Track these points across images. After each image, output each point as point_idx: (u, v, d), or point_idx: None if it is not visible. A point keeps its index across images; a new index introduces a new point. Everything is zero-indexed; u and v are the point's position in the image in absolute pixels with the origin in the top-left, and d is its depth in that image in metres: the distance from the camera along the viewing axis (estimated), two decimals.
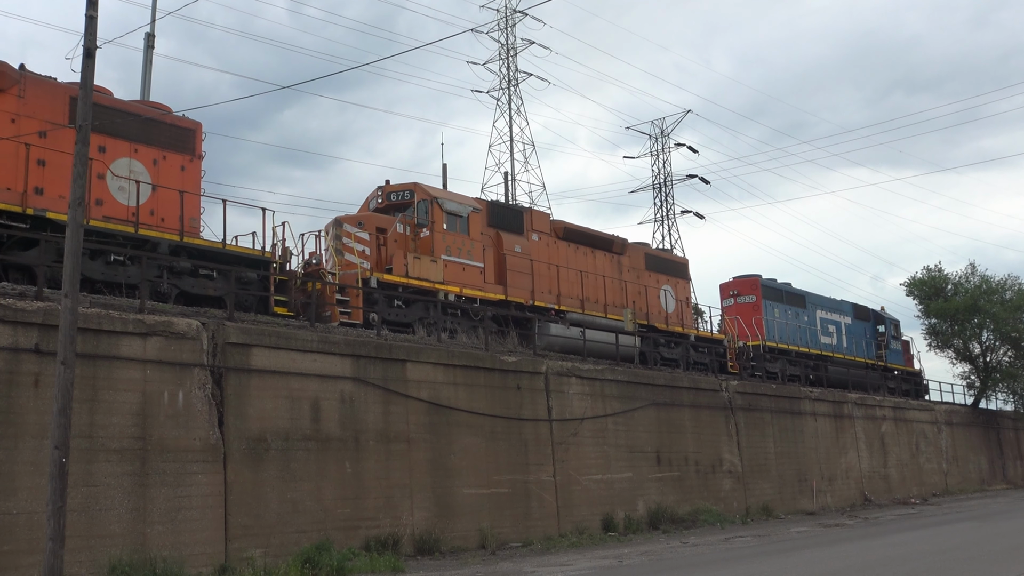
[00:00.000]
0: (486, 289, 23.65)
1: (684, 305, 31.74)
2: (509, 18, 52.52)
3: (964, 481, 41.66)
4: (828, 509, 30.67)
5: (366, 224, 21.83)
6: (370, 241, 21.55)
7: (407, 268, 21.59)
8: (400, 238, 22.31)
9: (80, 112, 11.90)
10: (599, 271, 28.09)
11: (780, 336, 35.71)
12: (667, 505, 23.96)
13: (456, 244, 23.06)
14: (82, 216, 11.87)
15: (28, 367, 13.35)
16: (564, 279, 26.40)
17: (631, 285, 29.19)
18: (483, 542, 18.71)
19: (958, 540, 19.00)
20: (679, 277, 32.04)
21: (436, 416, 18.89)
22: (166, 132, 18.50)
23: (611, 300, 28.04)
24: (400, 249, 22.04)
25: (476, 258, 23.59)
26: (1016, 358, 45.02)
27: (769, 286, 36.55)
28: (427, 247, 22.44)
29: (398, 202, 23.33)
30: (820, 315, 38.95)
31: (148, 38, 24.92)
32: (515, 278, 24.65)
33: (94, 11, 12.05)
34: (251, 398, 15.85)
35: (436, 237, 22.57)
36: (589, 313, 26.66)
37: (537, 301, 25.09)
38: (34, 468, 12.93)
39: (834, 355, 38.44)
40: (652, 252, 31.51)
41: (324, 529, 16.13)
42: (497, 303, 23.82)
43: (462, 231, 23.35)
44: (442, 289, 22.18)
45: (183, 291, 17.74)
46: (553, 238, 26.83)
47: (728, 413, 27.96)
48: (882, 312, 43.84)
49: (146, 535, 13.89)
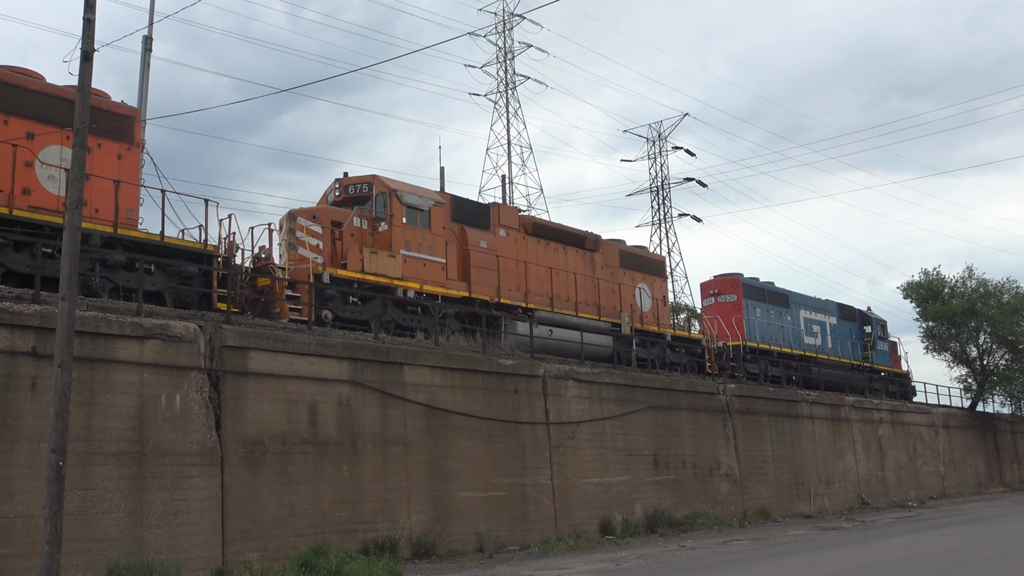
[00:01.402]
0: (448, 286, 22.84)
1: (661, 304, 31.05)
2: (507, 21, 52.63)
3: (961, 484, 41.69)
4: (825, 512, 30.68)
5: (320, 217, 21.07)
6: (324, 235, 20.82)
7: (363, 263, 20.75)
8: (357, 232, 21.44)
9: (77, 115, 11.90)
10: (570, 268, 27.33)
11: (762, 336, 35.03)
12: (664, 508, 23.95)
13: (417, 239, 22.23)
14: (80, 219, 11.85)
15: (25, 370, 13.33)
16: (533, 276, 25.74)
17: (604, 283, 28.49)
18: (480, 545, 18.69)
19: (956, 543, 19.00)
20: (655, 275, 31.35)
21: (433, 419, 18.88)
22: (102, 119, 17.04)
23: (583, 298, 27.38)
24: (356, 244, 21.17)
25: (438, 253, 22.76)
26: (1013, 361, 45.07)
27: (751, 285, 35.91)
28: (385, 242, 21.54)
29: (356, 195, 22.41)
30: (804, 315, 38.31)
31: (146, 41, 24.87)
32: (480, 275, 23.88)
33: (92, 14, 12.06)
34: (248, 401, 15.83)
35: (395, 231, 21.70)
36: (559, 311, 26.00)
37: (503, 299, 24.33)
38: (31, 471, 12.91)
39: (818, 356, 37.86)
40: (627, 249, 30.72)
41: (321, 532, 16.10)
42: (460, 300, 23.09)
43: (423, 225, 22.49)
44: (401, 285, 21.37)
45: (117, 286, 16.80)
46: (522, 234, 26.08)
47: (725, 416, 27.97)
48: (868, 312, 43.32)
49: (143, 539, 13.87)
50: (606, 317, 27.86)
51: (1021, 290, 45.11)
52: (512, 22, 52.59)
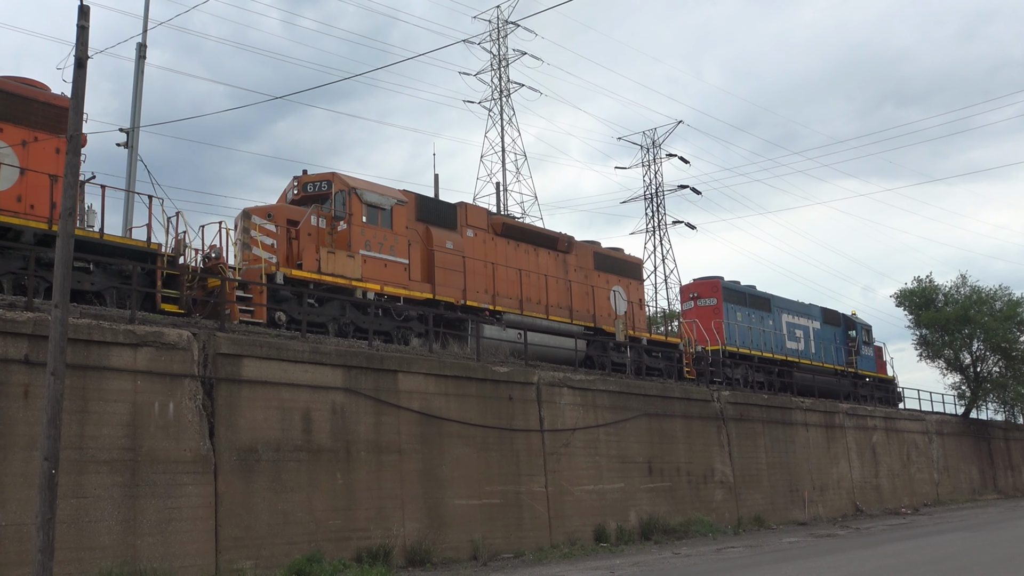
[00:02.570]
0: (411, 287, 22.09)
1: (637, 307, 30.41)
2: (501, 29, 52.73)
3: (955, 491, 41.73)
4: (820, 519, 30.68)
5: (276, 216, 20.30)
6: (280, 234, 20.09)
7: (320, 263, 20.05)
8: (314, 231, 20.70)
9: (71, 123, 11.89)
10: (542, 270, 26.67)
11: (742, 341, 34.31)
12: (659, 516, 23.93)
13: (378, 238, 21.47)
14: (73, 226, 11.83)
15: (17, 378, 13.28)
16: (502, 278, 25.01)
17: (577, 285, 27.80)
18: (475, 553, 18.66)
19: (950, 550, 19.03)
20: (631, 278, 30.61)
21: (427, 427, 18.85)
22: (39, 111, 16.43)
23: (554, 301, 26.72)
24: (313, 243, 20.47)
25: (400, 254, 22.01)
26: (1006, 368, 45.17)
27: (731, 288, 35.15)
28: (344, 241, 20.83)
29: (315, 193, 21.64)
30: (786, 319, 37.64)
31: (140, 48, 24.89)
32: (445, 276, 23.12)
33: (86, 22, 12.06)
34: (242, 409, 15.80)
35: (354, 230, 20.96)
36: (529, 314, 25.33)
37: (470, 301, 23.62)
38: (23, 479, 12.86)
39: (801, 361, 37.21)
40: (602, 251, 29.92)
41: (315, 540, 16.06)
42: (424, 302, 22.27)
43: (385, 225, 21.71)
44: (360, 287, 20.63)
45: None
46: (491, 234, 25.38)
47: (720, 423, 27.97)
48: (853, 317, 42.72)
49: (136, 547, 13.82)
50: (579, 320, 27.33)
51: (1014, 297, 45.27)
52: (506, 29, 52.74)
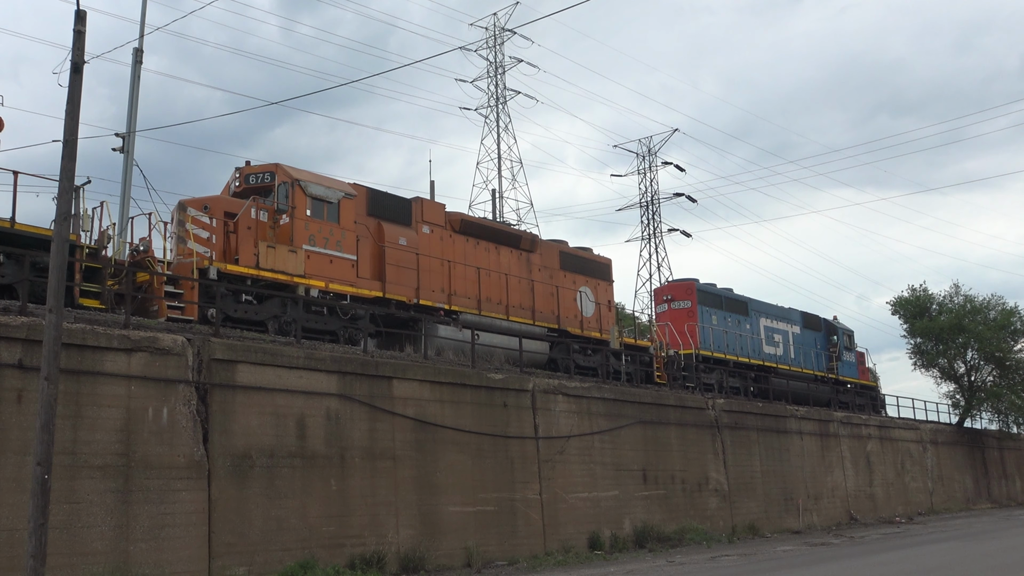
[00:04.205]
0: (359, 285, 21.05)
1: (605, 309, 29.22)
2: (497, 36, 52.86)
3: (949, 500, 41.76)
4: (814, 528, 30.67)
5: (212, 208, 19.31)
6: (217, 227, 19.09)
7: (258, 258, 19.10)
8: (254, 224, 19.66)
9: (66, 127, 11.87)
10: (503, 269, 25.58)
11: (717, 345, 33.28)
12: (653, 523, 23.91)
13: (323, 233, 20.45)
14: (67, 231, 11.82)
15: (11, 382, 13.25)
16: (459, 276, 24.02)
17: (541, 285, 26.76)
18: (469, 560, 18.62)
19: (944, 559, 19.02)
20: (600, 278, 29.38)
21: (422, 433, 18.83)
22: None
23: (516, 301, 25.69)
24: (251, 237, 19.46)
25: (348, 250, 20.98)
26: (1000, 377, 45.24)
27: (707, 291, 34.20)
28: (286, 236, 19.84)
29: (258, 185, 20.62)
30: (764, 323, 36.61)
31: (136, 53, 24.88)
32: (397, 273, 22.11)
33: (82, 26, 12.05)
34: (236, 414, 15.76)
35: (297, 224, 19.97)
36: (488, 315, 24.40)
37: (423, 299, 22.58)
38: (16, 484, 12.82)
39: (779, 366, 36.15)
40: (568, 250, 28.91)
41: (309, 547, 16.02)
42: (373, 301, 21.28)
43: (331, 219, 20.71)
44: (303, 283, 19.68)
45: None
46: (448, 231, 24.37)
47: (714, 431, 27.97)
48: (835, 322, 41.90)
49: (129, 553, 13.77)
50: (542, 321, 26.38)
51: (1007, 307, 45.37)
52: (503, 37, 52.87)
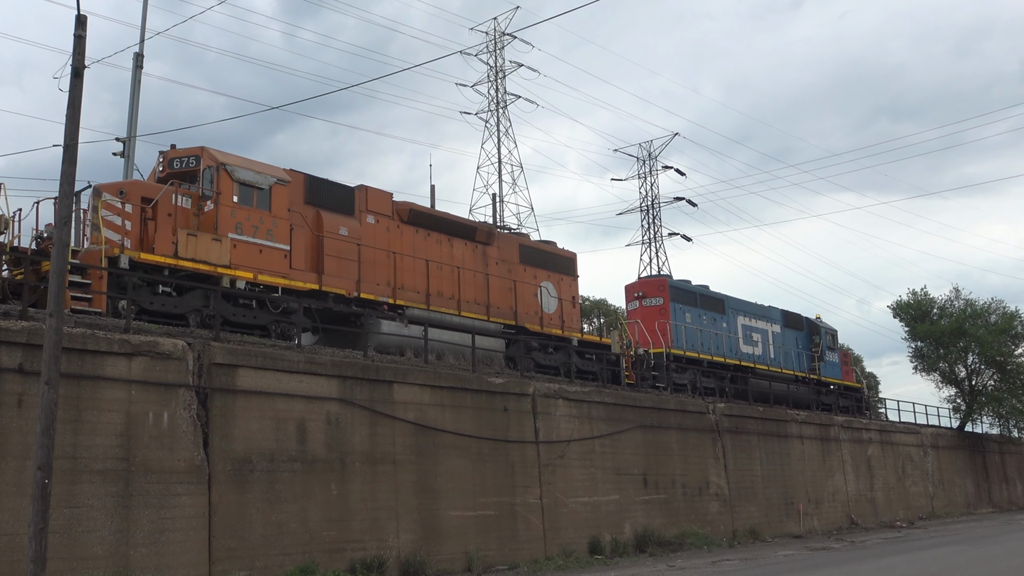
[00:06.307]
0: (293, 276, 19.81)
1: (569, 305, 27.85)
2: (498, 41, 52.89)
3: (950, 504, 41.70)
4: (815, 532, 30.63)
5: (129, 193, 18.11)
6: (133, 214, 17.90)
7: (176, 247, 17.88)
8: (174, 211, 18.42)
9: (67, 132, 11.89)
10: (455, 262, 24.21)
11: (691, 344, 32.02)
12: (654, 528, 23.88)
13: (252, 221, 19.19)
14: (68, 235, 11.84)
15: (11, 387, 13.25)
16: (407, 269, 22.72)
17: (497, 279, 25.34)
18: (469, 565, 18.61)
19: (944, 564, 19.00)
20: (563, 273, 28.02)
21: (423, 438, 18.82)
22: None
23: (469, 296, 24.29)
24: (170, 225, 18.22)
25: (280, 239, 19.70)
26: (1001, 381, 45.19)
27: (680, 288, 33.26)
28: (210, 223, 18.70)
29: (182, 170, 19.42)
30: (742, 322, 35.41)
31: (137, 58, 24.97)
32: (335, 265, 20.84)
33: (83, 31, 12.08)
34: (237, 419, 15.76)
35: (222, 211, 18.71)
36: (437, 309, 23.09)
37: (364, 293, 21.31)
38: (16, 489, 12.81)
39: (757, 366, 34.90)
40: (529, 243, 27.73)
41: (309, 551, 16.00)
42: (308, 294, 20.05)
43: (261, 206, 19.43)
44: (227, 274, 18.39)
45: None
46: (396, 221, 23.04)
47: (715, 436, 27.95)
48: (818, 321, 40.67)
49: (129, 557, 13.76)
50: (498, 317, 24.98)
51: (1008, 310, 45.35)
52: (503, 41, 52.90)
